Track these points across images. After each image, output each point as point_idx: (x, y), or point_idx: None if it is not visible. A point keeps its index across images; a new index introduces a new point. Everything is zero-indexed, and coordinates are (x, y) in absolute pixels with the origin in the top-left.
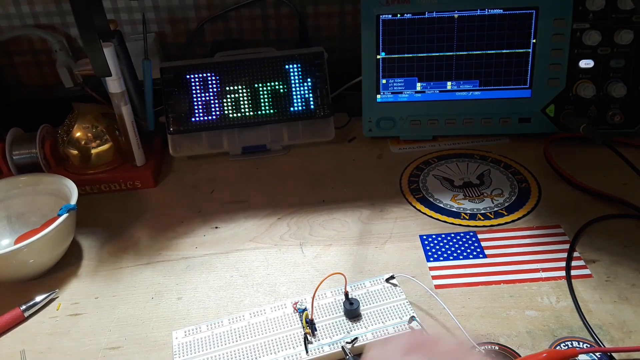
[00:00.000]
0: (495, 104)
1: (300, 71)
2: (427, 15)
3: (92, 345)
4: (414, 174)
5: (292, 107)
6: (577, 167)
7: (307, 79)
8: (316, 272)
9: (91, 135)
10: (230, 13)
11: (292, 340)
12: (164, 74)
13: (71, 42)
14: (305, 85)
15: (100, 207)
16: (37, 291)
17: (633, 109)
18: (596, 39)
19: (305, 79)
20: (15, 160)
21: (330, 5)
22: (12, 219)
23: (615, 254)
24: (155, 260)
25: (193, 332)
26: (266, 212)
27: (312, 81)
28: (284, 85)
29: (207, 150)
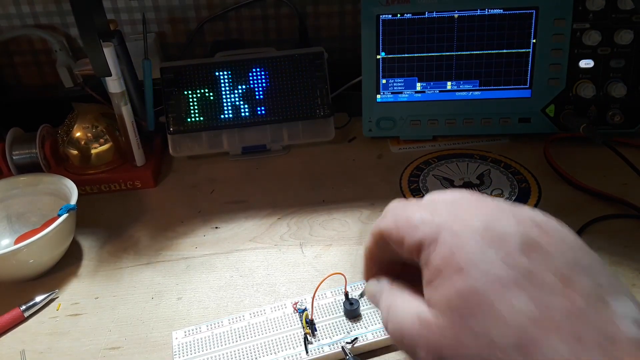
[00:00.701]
0: (495, 104)
1: (300, 71)
2: (427, 15)
3: (92, 345)
4: (414, 174)
5: (292, 107)
6: (577, 167)
7: (307, 79)
8: (316, 272)
9: (91, 135)
10: (230, 13)
11: (292, 340)
12: (164, 74)
13: (71, 42)
14: (305, 85)
15: (100, 207)
16: (37, 291)
17: (633, 109)
18: (596, 39)
19: (305, 79)
20: (15, 160)
21: (330, 5)
22: (12, 219)
23: (615, 254)
24: (155, 260)
25: (193, 332)
26: (266, 212)
27: (312, 81)
28: (284, 85)
29: (207, 150)
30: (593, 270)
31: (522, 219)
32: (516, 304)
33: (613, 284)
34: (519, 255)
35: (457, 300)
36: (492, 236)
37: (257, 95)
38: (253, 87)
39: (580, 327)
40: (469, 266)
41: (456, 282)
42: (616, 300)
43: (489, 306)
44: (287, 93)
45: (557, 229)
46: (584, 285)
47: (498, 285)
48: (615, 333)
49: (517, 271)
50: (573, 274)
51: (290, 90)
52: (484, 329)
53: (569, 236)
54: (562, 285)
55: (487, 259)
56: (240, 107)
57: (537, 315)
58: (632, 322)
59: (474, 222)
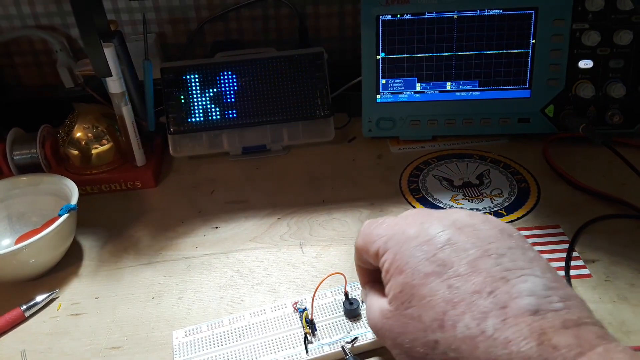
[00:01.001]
0: (494, 104)
1: (300, 71)
2: (427, 16)
3: (92, 345)
4: (413, 174)
5: (292, 107)
6: (576, 167)
7: (307, 79)
8: (316, 272)
9: (92, 135)
10: (231, 13)
11: (292, 340)
12: (164, 74)
13: (72, 42)
14: (305, 85)
15: (101, 207)
16: (37, 291)
17: (632, 109)
18: (595, 39)
19: (305, 79)
20: (16, 160)
21: (330, 6)
22: (12, 219)
23: (614, 254)
24: (156, 260)
25: (193, 332)
26: (266, 212)
27: (312, 81)
28: (284, 86)
29: (207, 151)
30: (503, 256)
31: (446, 224)
32: (435, 288)
33: (520, 266)
34: (438, 252)
35: (400, 294)
36: (421, 241)
37: (257, 95)
38: (253, 87)
39: (484, 304)
40: (405, 266)
41: (398, 279)
42: (518, 278)
43: (419, 295)
44: (287, 93)
45: (474, 227)
46: (489, 270)
47: (424, 277)
48: (508, 302)
49: (436, 264)
50: (480, 262)
51: (290, 90)
52: (418, 313)
53: (484, 231)
54: (471, 271)
55: (416, 259)
56: (240, 107)
57: (450, 297)
58: (527, 294)
59: (411, 232)
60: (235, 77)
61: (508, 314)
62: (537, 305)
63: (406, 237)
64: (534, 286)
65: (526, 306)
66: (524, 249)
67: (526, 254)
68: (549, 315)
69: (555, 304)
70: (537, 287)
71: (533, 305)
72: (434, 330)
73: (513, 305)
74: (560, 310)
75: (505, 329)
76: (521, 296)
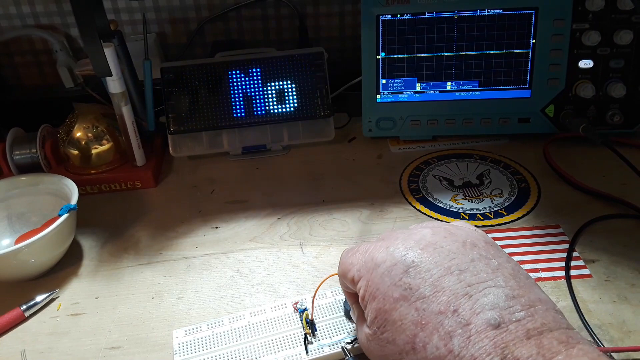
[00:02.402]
0: (494, 104)
1: (300, 71)
2: (427, 16)
3: (92, 345)
4: (413, 174)
5: (292, 107)
6: (576, 167)
7: (307, 79)
8: (316, 272)
9: (92, 135)
10: (231, 13)
11: (292, 340)
12: (164, 74)
13: (72, 42)
14: (305, 85)
15: (101, 207)
16: (37, 291)
17: (632, 109)
18: (596, 39)
19: (305, 79)
20: (16, 160)
21: (330, 5)
22: (12, 219)
23: (614, 254)
24: (156, 260)
25: (193, 332)
26: (266, 212)
27: (312, 81)
28: (284, 86)
29: (207, 150)
30: (464, 272)
31: (409, 245)
32: (404, 313)
33: (483, 279)
34: (403, 276)
35: (375, 319)
36: (388, 266)
37: (257, 95)
38: (253, 87)
39: (449, 323)
40: (376, 292)
41: (372, 305)
42: (480, 292)
43: (391, 319)
44: (287, 93)
45: (435, 246)
46: (451, 288)
47: (393, 302)
48: (471, 319)
49: (403, 288)
50: (443, 280)
51: (290, 90)
52: (392, 337)
53: (445, 248)
54: (435, 291)
55: (385, 284)
56: (240, 107)
57: (418, 319)
58: (489, 308)
59: (378, 258)
60: (235, 77)
61: (472, 331)
62: (499, 318)
63: (374, 264)
64: (495, 299)
65: (488, 321)
66: (487, 259)
67: (490, 263)
68: (511, 327)
69: (517, 313)
70: (498, 299)
71: (495, 319)
72: (408, 353)
73: (476, 321)
74: (522, 320)
75: (470, 346)
76: (483, 311)
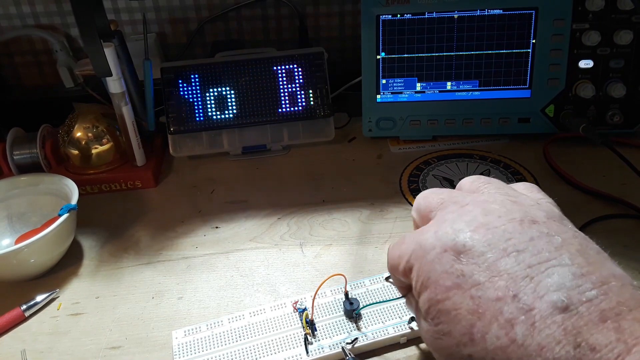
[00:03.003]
0: (494, 104)
1: (300, 71)
2: (427, 16)
3: (92, 345)
4: (413, 174)
5: (292, 107)
6: (576, 167)
7: (307, 79)
8: (316, 272)
9: (92, 135)
10: (231, 13)
11: (292, 340)
12: (164, 74)
13: (72, 42)
14: (306, 85)
15: (101, 207)
16: (37, 291)
17: (632, 109)
18: (596, 39)
19: (305, 79)
20: (16, 160)
21: (330, 5)
22: (12, 219)
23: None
24: (156, 260)
25: (193, 332)
26: (266, 212)
27: (312, 81)
28: (284, 86)
29: (207, 150)
30: (523, 252)
31: (459, 228)
32: (459, 302)
33: (545, 258)
34: (455, 262)
35: (429, 310)
36: (438, 253)
37: (257, 95)
38: (253, 87)
39: (509, 310)
40: (428, 282)
41: (425, 296)
42: (543, 273)
43: (445, 310)
44: (287, 93)
45: (488, 226)
46: (510, 269)
47: (445, 290)
48: (534, 303)
49: (455, 276)
50: (500, 263)
51: (291, 90)
52: (448, 329)
53: (500, 229)
54: (491, 276)
55: (436, 273)
56: (241, 107)
57: (475, 308)
58: (555, 289)
59: (427, 245)
60: (235, 77)
61: (536, 317)
62: (566, 300)
63: (423, 251)
64: (561, 278)
65: (555, 303)
66: (549, 236)
67: (552, 241)
68: (581, 308)
69: (588, 292)
70: (565, 278)
71: (562, 300)
72: (465, 345)
73: (540, 305)
74: (594, 300)
75: (535, 334)
76: (548, 293)
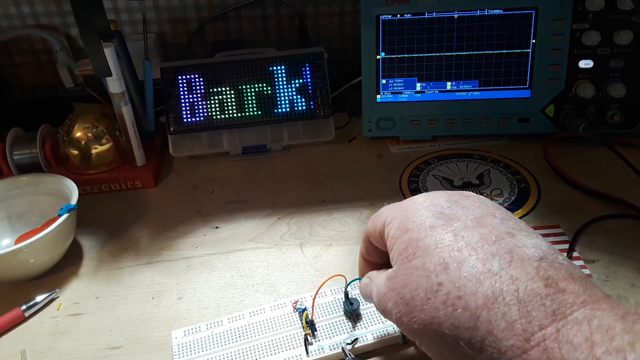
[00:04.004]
0: (494, 104)
1: (300, 71)
2: (427, 16)
3: (92, 345)
4: (413, 174)
5: (292, 107)
6: (576, 167)
7: (307, 79)
8: (316, 272)
9: (92, 135)
10: (231, 13)
11: (292, 340)
12: (164, 74)
13: (72, 42)
14: (305, 85)
15: (101, 207)
16: (37, 291)
17: (632, 109)
18: (596, 39)
19: (306, 79)
20: (16, 160)
21: (330, 5)
22: (12, 219)
23: (614, 254)
24: (156, 260)
25: (192, 332)
26: (266, 212)
27: (312, 81)
28: (284, 86)
29: (207, 150)
30: (505, 220)
31: (452, 193)
32: (440, 238)
33: (523, 228)
34: (445, 210)
35: (404, 250)
36: (429, 204)
37: (257, 95)
38: (253, 87)
39: (490, 249)
40: (411, 225)
41: (404, 238)
42: (522, 235)
43: (424, 245)
44: (288, 93)
45: (479, 198)
46: (494, 225)
47: (429, 229)
48: (514, 250)
49: (442, 218)
50: (486, 219)
51: (291, 90)
52: (422, 262)
53: (487, 201)
54: (477, 224)
55: (422, 217)
56: (241, 107)
57: (455, 243)
58: (532, 247)
59: (418, 199)
60: (235, 77)
61: (514, 257)
62: (542, 255)
63: (413, 202)
64: (538, 242)
65: (532, 254)
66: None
67: (528, 228)
68: (555, 265)
69: (560, 260)
70: (541, 244)
71: (539, 254)
72: (438, 274)
73: (519, 251)
74: (565, 265)
75: (511, 268)
76: (526, 246)
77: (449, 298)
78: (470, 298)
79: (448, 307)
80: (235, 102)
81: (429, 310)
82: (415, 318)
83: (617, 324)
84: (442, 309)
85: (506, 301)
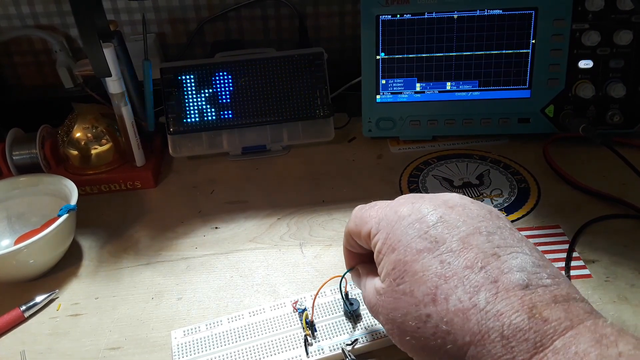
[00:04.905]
0: (494, 104)
1: (300, 71)
2: (427, 16)
3: (92, 345)
4: (413, 174)
5: (292, 107)
6: (576, 167)
7: (307, 79)
8: (316, 273)
9: (91, 135)
10: (230, 13)
11: (292, 341)
12: (164, 75)
13: (71, 42)
14: (305, 85)
15: (100, 207)
16: (37, 291)
17: (632, 109)
18: (595, 39)
19: (305, 79)
20: (16, 160)
21: (330, 6)
22: (12, 220)
23: (614, 254)
24: (156, 260)
25: (192, 332)
26: (266, 212)
27: (312, 81)
28: (284, 86)
29: (207, 151)
30: (493, 234)
31: (437, 203)
32: (427, 264)
33: (510, 244)
34: (430, 229)
35: (392, 271)
36: (413, 219)
37: (257, 95)
38: (253, 87)
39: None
40: (398, 244)
41: (391, 257)
42: (508, 255)
43: (412, 270)
44: (287, 93)
45: (464, 206)
46: (480, 245)
47: (416, 253)
48: (499, 277)
49: (429, 241)
50: (471, 238)
51: (290, 90)
52: (410, 288)
53: (474, 211)
54: (463, 247)
55: (409, 236)
56: (240, 107)
57: (442, 272)
58: (517, 270)
59: (403, 211)
60: (235, 77)
61: (499, 287)
62: (527, 280)
63: (398, 217)
64: (523, 262)
65: (517, 280)
66: (512, 230)
67: (514, 234)
68: (539, 290)
69: (544, 279)
70: (526, 263)
71: (524, 280)
72: (426, 304)
73: (504, 279)
74: (549, 286)
75: (497, 302)
76: (512, 271)
77: (438, 331)
78: (458, 334)
79: (437, 340)
80: (235, 102)
81: (420, 339)
82: (407, 340)
83: (592, 350)
84: (432, 339)
85: (491, 338)
